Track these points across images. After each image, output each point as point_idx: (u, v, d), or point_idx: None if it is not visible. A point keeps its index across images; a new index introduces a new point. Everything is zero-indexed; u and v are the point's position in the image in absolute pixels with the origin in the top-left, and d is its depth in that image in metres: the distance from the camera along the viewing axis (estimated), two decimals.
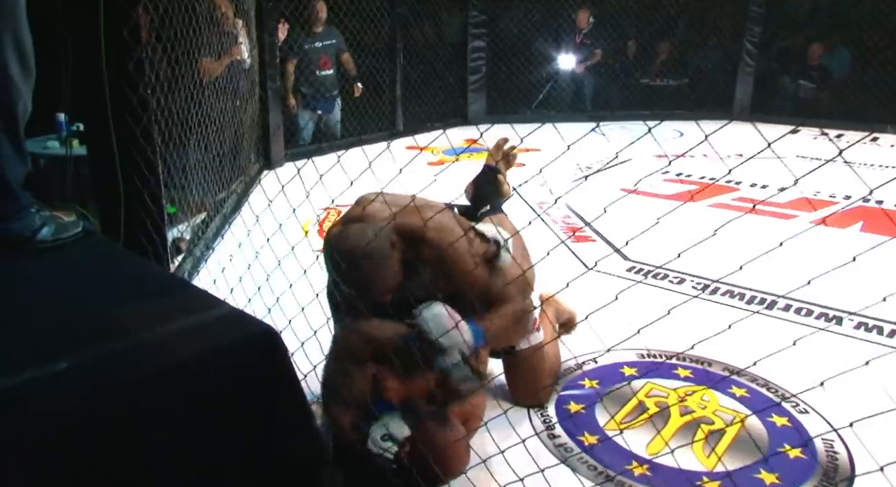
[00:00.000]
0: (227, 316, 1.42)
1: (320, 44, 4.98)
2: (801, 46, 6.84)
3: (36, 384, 1.17)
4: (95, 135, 1.94)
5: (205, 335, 1.34)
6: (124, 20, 1.86)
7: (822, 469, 1.85)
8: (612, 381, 2.22)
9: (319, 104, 5.15)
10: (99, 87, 1.85)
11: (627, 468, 1.81)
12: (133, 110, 1.96)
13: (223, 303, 1.48)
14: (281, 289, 2.11)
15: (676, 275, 3.02)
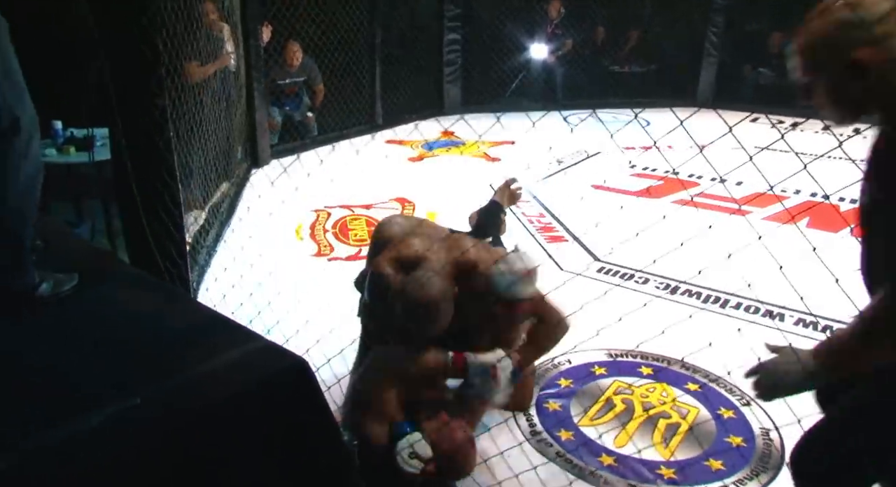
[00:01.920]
0: (264, 349, 1.67)
1: (289, 80, 5.26)
2: (763, 34, 7.15)
3: (117, 417, 1.42)
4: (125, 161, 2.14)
5: (246, 369, 1.60)
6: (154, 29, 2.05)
7: (758, 454, 2.19)
8: (584, 380, 2.54)
9: (286, 103, 5.37)
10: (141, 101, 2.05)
11: (598, 460, 2.14)
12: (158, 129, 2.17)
13: (258, 337, 1.74)
14: (283, 299, 2.37)
15: (641, 276, 3.34)
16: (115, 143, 2.15)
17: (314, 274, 3.27)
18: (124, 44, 2.04)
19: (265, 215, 3.36)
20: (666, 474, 2.09)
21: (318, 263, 3.46)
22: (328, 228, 3.88)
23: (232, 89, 4.35)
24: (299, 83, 5.31)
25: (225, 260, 3.24)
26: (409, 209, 4.19)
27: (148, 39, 2.08)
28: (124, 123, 2.13)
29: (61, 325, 1.82)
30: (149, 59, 2.04)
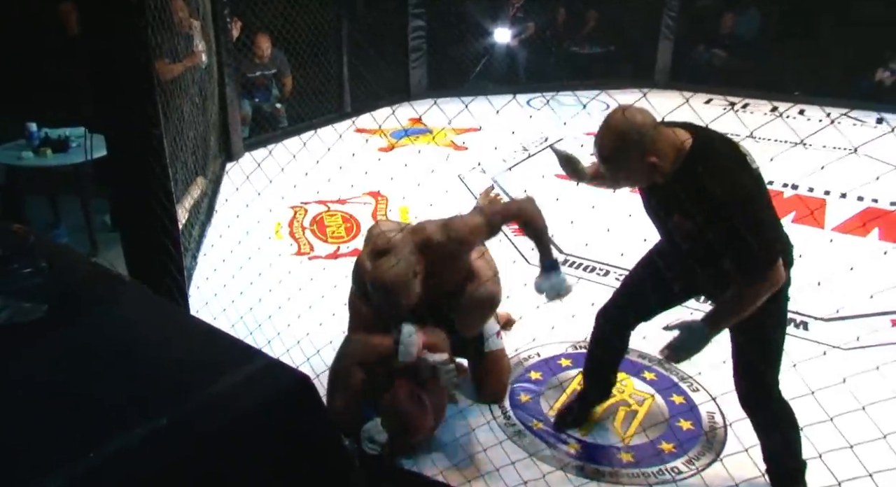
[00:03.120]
0: (269, 367, 1.85)
1: (259, 73, 5.36)
2: (715, 12, 7.38)
3: (146, 439, 1.60)
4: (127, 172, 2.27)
5: (255, 387, 1.78)
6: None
7: (705, 435, 2.49)
8: (552, 372, 2.79)
9: (256, 94, 5.45)
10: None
11: (565, 447, 2.41)
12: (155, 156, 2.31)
13: (261, 354, 1.91)
14: (271, 303, 2.56)
15: (602, 267, 3.61)
16: (113, 169, 2.29)
17: (297, 273, 3.44)
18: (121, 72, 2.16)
19: (244, 214, 3.50)
20: (624, 458, 2.36)
21: (299, 262, 3.64)
22: (306, 225, 4.05)
23: (206, 86, 4.43)
24: (269, 75, 5.40)
25: (210, 263, 3.39)
26: (382, 203, 4.37)
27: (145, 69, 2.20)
28: (120, 149, 2.27)
29: (71, 348, 1.96)
30: (144, 89, 2.16)
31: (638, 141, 1.73)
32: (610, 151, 1.78)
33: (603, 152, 1.80)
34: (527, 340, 2.89)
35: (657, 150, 1.76)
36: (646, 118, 1.76)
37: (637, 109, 1.76)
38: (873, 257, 3.66)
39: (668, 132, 1.79)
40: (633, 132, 1.73)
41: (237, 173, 4.63)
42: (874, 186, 4.47)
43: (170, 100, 3.52)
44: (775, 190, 4.67)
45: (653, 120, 1.77)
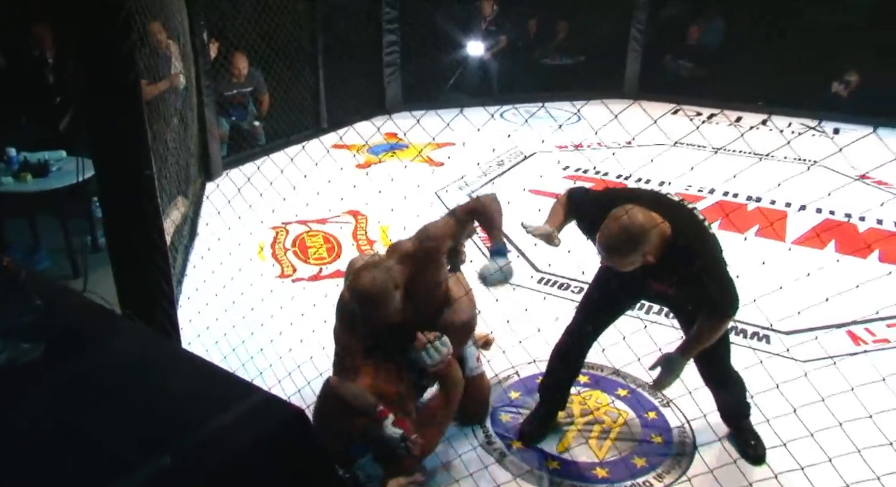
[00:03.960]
0: (265, 402, 1.95)
1: (236, 91, 5.42)
2: (680, 22, 7.58)
3: (153, 478, 1.69)
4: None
5: (253, 423, 1.87)
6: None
7: (675, 448, 2.64)
8: (531, 391, 2.93)
9: (233, 112, 5.50)
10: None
11: (545, 464, 2.54)
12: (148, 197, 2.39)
13: (257, 389, 2.00)
14: (257, 328, 2.65)
15: (577, 285, 3.75)
16: (106, 209, 2.37)
17: (281, 297, 3.53)
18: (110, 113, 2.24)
19: (227, 237, 3.58)
20: (600, 473, 2.51)
21: (283, 285, 3.73)
22: (288, 247, 4.14)
23: (185, 107, 4.49)
24: (246, 93, 5.46)
25: (196, 288, 3.46)
26: (362, 222, 4.47)
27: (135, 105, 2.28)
28: (113, 191, 2.35)
29: (69, 388, 2.02)
30: (136, 129, 2.25)
31: (643, 243, 2.06)
32: (618, 251, 2.10)
33: (611, 250, 2.11)
34: (505, 360, 3.01)
35: (653, 247, 2.08)
36: (648, 221, 2.06)
37: (641, 212, 2.06)
38: (830, 269, 3.85)
39: (661, 227, 2.09)
40: (640, 237, 2.05)
41: (217, 193, 4.69)
42: (831, 198, 4.71)
43: (152, 123, 3.59)
44: (740, 203, 4.88)
45: (653, 221, 2.07)
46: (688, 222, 2.21)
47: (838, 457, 1.83)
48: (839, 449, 1.85)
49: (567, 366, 2.66)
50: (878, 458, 1.75)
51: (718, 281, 2.13)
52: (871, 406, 1.91)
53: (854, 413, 1.87)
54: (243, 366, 2.55)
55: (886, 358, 3.08)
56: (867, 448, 1.81)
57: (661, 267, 2.13)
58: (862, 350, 3.21)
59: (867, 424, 1.83)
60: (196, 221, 4.33)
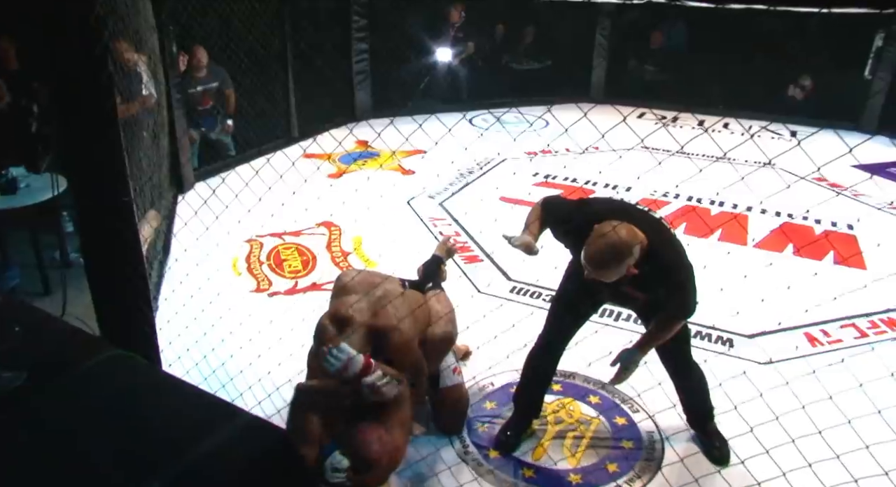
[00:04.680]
0: (250, 425, 2.01)
1: (201, 88, 5.33)
2: (646, 29, 7.75)
3: None
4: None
5: (239, 446, 1.92)
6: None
7: (645, 452, 2.75)
8: (506, 401, 3.02)
9: (203, 121, 5.48)
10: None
11: (521, 472, 2.63)
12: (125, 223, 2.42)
13: (241, 412, 2.06)
14: (234, 346, 2.69)
15: (548, 293, 3.85)
16: (84, 235, 2.40)
17: (258, 311, 3.57)
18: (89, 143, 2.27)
19: (200, 251, 3.59)
20: (574, 480, 2.61)
21: (259, 299, 3.76)
22: (263, 260, 4.17)
23: (157, 121, 4.48)
24: (212, 89, 5.37)
25: (171, 305, 3.48)
26: (336, 234, 4.52)
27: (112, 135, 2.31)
28: (90, 218, 2.38)
29: (52, 415, 2.04)
30: (111, 168, 2.28)
31: (628, 258, 2.18)
32: (605, 267, 2.21)
33: (598, 266, 2.21)
34: (483, 370, 3.11)
35: (635, 260, 2.20)
36: (631, 237, 2.17)
37: (625, 228, 2.17)
38: (789, 272, 4.02)
39: (641, 241, 2.20)
40: (625, 252, 2.17)
41: (190, 206, 4.69)
42: (789, 201, 4.90)
43: (128, 141, 3.59)
44: (704, 207, 5.04)
45: (635, 236, 2.19)
46: (660, 232, 2.35)
47: (801, 438, 1.93)
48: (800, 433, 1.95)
49: (540, 373, 2.77)
50: (838, 439, 1.87)
51: (683, 287, 2.29)
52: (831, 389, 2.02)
53: (814, 405, 1.98)
54: (223, 388, 2.59)
55: (839, 358, 3.24)
56: (827, 429, 1.92)
57: (636, 276, 2.25)
58: (818, 350, 3.37)
59: (828, 406, 1.94)
60: (169, 236, 4.34)
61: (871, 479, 1.79)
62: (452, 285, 3.31)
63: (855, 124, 6.64)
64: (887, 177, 5.75)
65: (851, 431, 1.85)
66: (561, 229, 2.51)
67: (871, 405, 1.89)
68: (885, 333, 3.54)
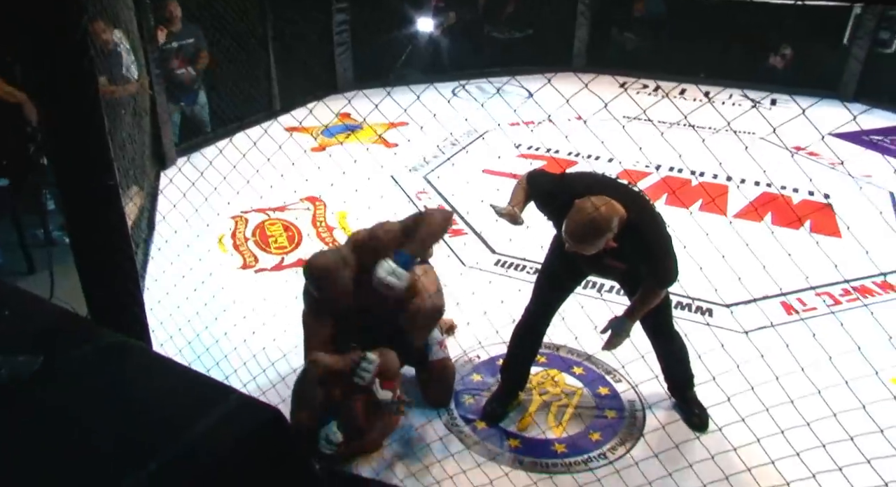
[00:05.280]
0: (242, 404, 2.05)
1: (176, 44, 5.18)
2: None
3: (140, 483, 1.78)
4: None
5: (232, 425, 1.97)
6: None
7: (627, 421, 2.85)
8: (492, 373, 3.09)
9: (182, 97, 5.40)
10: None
11: (507, 443, 2.72)
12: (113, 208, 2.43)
13: (232, 390, 2.11)
14: (225, 324, 2.74)
15: (532, 266, 3.92)
16: (69, 222, 2.40)
17: (245, 288, 3.60)
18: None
19: (185, 229, 3.59)
20: (559, 449, 2.70)
21: (246, 276, 3.79)
22: (248, 236, 4.18)
23: (139, 98, 4.43)
24: (187, 48, 5.26)
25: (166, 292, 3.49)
26: (321, 209, 4.53)
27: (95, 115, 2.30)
28: (75, 201, 2.38)
29: (47, 399, 2.07)
30: (95, 151, 2.28)
31: (607, 232, 2.26)
32: (585, 241, 2.29)
33: (578, 240, 2.29)
34: (470, 343, 3.17)
35: (615, 233, 2.28)
36: (610, 211, 2.25)
37: (604, 202, 2.24)
38: (767, 242, 4.10)
39: (620, 214, 2.29)
40: (605, 226, 2.25)
41: (173, 182, 4.66)
42: (768, 171, 4.96)
43: (110, 120, 3.56)
44: (684, 178, 5.10)
45: (614, 210, 2.26)
46: (639, 205, 2.43)
47: (775, 407, 2.02)
48: (775, 402, 2.03)
49: (527, 345, 2.84)
50: (809, 407, 1.96)
51: (663, 256, 2.38)
52: (803, 364, 2.10)
53: (787, 375, 2.06)
54: (217, 365, 2.64)
55: (815, 325, 3.33)
56: (799, 398, 2.01)
57: (616, 247, 2.33)
58: (794, 318, 3.47)
59: (800, 378, 2.02)
60: (153, 213, 4.33)
61: (838, 444, 1.88)
62: (437, 260, 3.36)
63: (834, 92, 6.70)
64: (865, 145, 5.84)
65: (821, 400, 1.94)
66: (544, 203, 2.57)
67: (839, 375, 1.97)
68: (857, 300, 3.66)
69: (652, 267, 2.41)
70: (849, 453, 1.88)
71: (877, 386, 2.00)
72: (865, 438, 1.86)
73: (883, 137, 6.01)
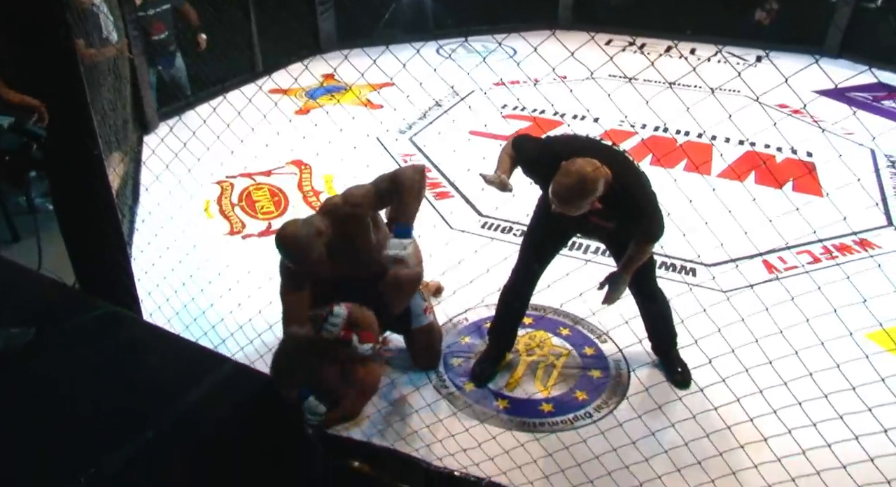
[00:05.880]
0: (235, 372, 2.09)
1: (153, 11, 5.04)
2: None
3: (138, 451, 1.82)
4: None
5: (226, 393, 2.01)
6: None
7: (612, 380, 2.93)
8: (480, 334, 3.15)
9: (160, 61, 5.29)
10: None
11: (495, 404, 2.79)
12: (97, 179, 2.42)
13: (226, 359, 2.14)
14: (216, 299, 2.77)
15: (519, 228, 3.95)
16: (54, 193, 2.39)
17: (233, 254, 3.60)
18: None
19: (171, 195, 3.57)
20: (546, 408, 2.77)
21: (233, 242, 3.80)
22: (234, 202, 4.17)
23: (118, 61, 4.34)
24: (165, 12, 5.10)
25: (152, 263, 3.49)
26: (307, 173, 4.52)
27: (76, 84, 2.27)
28: (60, 172, 2.37)
29: (42, 370, 2.09)
30: (78, 122, 2.26)
31: (593, 192, 2.31)
32: (571, 202, 2.33)
33: (565, 201, 2.33)
34: (458, 307, 3.22)
35: (601, 193, 2.32)
36: (595, 172, 2.29)
37: (589, 163, 2.29)
38: (750, 202, 4.14)
39: (605, 174, 2.32)
40: (590, 187, 2.30)
41: (155, 147, 4.61)
42: (752, 129, 4.99)
43: (91, 87, 3.51)
44: (669, 138, 5.11)
45: (599, 171, 2.30)
46: (624, 165, 2.48)
47: (754, 368, 2.08)
48: (756, 362, 2.10)
49: (514, 307, 2.89)
50: (787, 368, 2.03)
51: (649, 213, 2.43)
52: (781, 324, 2.16)
53: (768, 332, 2.12)
54: (205, 335, 2.66)
55: (794, 284, 3.41)
56: (777, 358, 2.07)
57: (602, 208, 2.37)
58: (774, 277, 3.54)
59: (779, 341, 2.08)
60: (137, 180, 4.30)
61: (813, 402, 1.96)
62: (422, 221, 3.37)
63: (819, 48, 6.68)
64: (849, 102, 5.86)
65: (798, 360, 2.00)
66: (531, 168, 2.59)
67: (816, 337, 2.03)
68: (837, 258, 3.73)
69: (639, 222, 2.45)
70: (823, 410, 1.95)
71: (850, 345, 2.07)
72: (839, 395, 1.93)
73: (866, 94, 6.04)
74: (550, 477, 2.36)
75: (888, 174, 4.73)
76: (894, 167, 4.84)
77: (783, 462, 2.03)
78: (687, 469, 2.17)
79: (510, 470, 2.29)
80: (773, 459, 2.04)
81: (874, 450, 1.93)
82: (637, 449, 2.25)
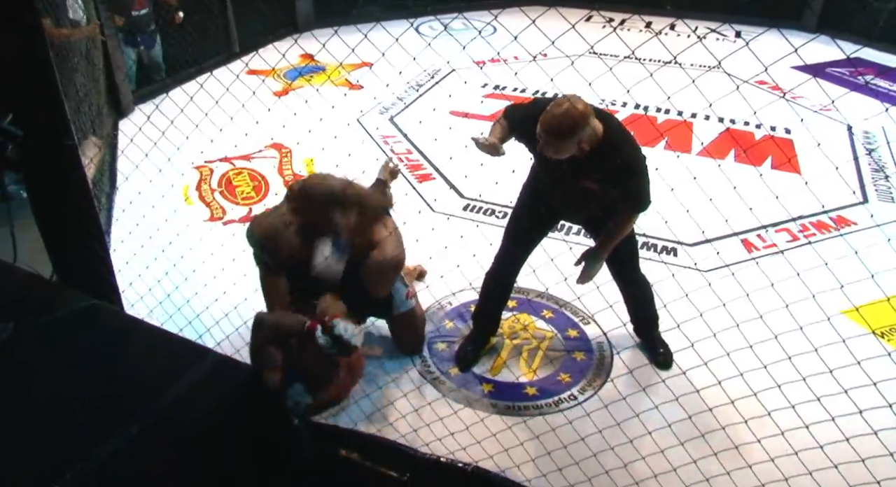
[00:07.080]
0: (219, 365, 2.08)
1: None
2: None
3: (123, 446, 1.82)
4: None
5: (210, 386, 2.01)
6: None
7: (595, 362, 2.96)
8: (463, 319, 3.16)
9: (141, 40, 5.18)
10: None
11: (480, 388, 2.81)
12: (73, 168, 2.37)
13: (209, 351, 2.13)
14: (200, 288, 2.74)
15: (500, 210, 3.95)
16: (29, 186, 2.35)
17: (213, 241, 3.55)
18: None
19: (150, 181, 3.51)
20: (530, 392, 2.80)
21: (213, 228, 3.76)
22: (214, 187, 4.12)
23: (90, 44, 4.24)
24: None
25: (128, 246, 3.45)
26: (287, 156, 4.47)
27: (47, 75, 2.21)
28: (34, 164, 2.32)
29: (24, 364, 2.07)
30: (55, 112, 2.20)
31: (581, 129, 2.29)
32: (559, 134, 2.30)
33: (552, 133, 2.31)
34: (442, 292, 3.23)
35: (588, 137, 2.32)
36: (586, 109, 2.31)
37: (580, 101, 2.30)
38: (730, 179, 4.17)
39: (596, 122, 2.35)
40: (580, 121, 2.29)
41: (131, 131, 4.53)
42: (732, 106, 5.00)
43: (63, 72, 3.43)
44: (650, 116, 5.12)
45: (590, 111, 2.32)
46: (615, 125, 2.46)
47: (735, 352, 2.12)
48: (736, 345, 2.13)
49: (498, 291, 2.90)
50: (767, 351, 2.07)
51: (639, 176, 2.42)
52: (760, 305, 2.19)
53: (748, 314, 2.15)
54: (190, 324, 2.65)
55: (773, 262, 3.45)
56: (757, 343, 2.11)
57: (591, 164, 2.36)
58: (753, 256, 3.58)
59: (758, 324, 2.12)
60: (114, 166, 4.23)
61: (792, 384, 1.99)
62: (404, 205, 3.36)
63: (797, 23, 6.69)
64: (826, 79, 5.89)
65: (777, 344, 2.04)
66: (522, 129, 2.56)
67: (794, 322, 2.06)
68: (815, 235, 3.78)
69: (626, 186, 2.42)
70: (801, 392, 1.99)
71: (826, 327, 2.09)
72: (817, 378, 1.97)
73: (843, 70, 6.07)
74: (536, 460, 2.39)
75: (864, 151, 4.78)
76: (870, 143, 4.90)
77: (763, 442, 2.07)
78: (670, 449, 2.20)
79: (496, 454, 2.31)
80: (753, 440, 2.08)
81: (850, 430, 1.98)
82: (621, 430, 2.29)
